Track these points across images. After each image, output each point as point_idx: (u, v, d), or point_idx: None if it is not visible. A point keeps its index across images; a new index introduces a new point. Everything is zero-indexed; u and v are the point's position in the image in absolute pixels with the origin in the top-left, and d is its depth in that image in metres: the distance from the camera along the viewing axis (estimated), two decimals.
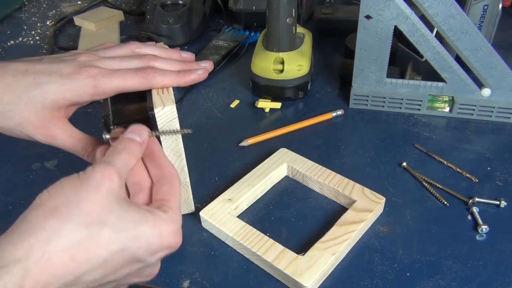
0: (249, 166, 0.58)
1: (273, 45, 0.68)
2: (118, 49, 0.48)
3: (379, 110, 0.69)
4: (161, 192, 0.39)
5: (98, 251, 0.33)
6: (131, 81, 0.44)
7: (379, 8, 0.60)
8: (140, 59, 0.47)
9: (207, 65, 0.50)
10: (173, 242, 0.37)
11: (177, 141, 0.46)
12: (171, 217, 0.37)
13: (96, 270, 0.33)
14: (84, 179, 0.34)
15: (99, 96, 0.43)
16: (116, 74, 0.44)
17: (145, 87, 0.45)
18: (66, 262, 0.31)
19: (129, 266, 0.35)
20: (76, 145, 0.44)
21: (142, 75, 0.44)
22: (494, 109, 0.65)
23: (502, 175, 0.58)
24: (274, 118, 0.70)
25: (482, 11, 0.69)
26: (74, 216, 0.32)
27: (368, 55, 0.65)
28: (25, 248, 0.30)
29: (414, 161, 0.60)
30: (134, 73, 0.44)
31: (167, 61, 0.48)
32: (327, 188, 0.55)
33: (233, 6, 0.91)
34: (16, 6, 1.06)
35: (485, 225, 0.50)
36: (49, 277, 0.31)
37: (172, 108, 0.43)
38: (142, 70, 0.45)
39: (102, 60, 0.45)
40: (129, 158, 0.37)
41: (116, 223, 0.34)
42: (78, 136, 0.45)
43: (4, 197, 0.57)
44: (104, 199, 0.33)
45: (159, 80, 0.45)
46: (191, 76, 0.47)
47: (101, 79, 0.43)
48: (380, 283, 0.46)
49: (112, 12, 0.95)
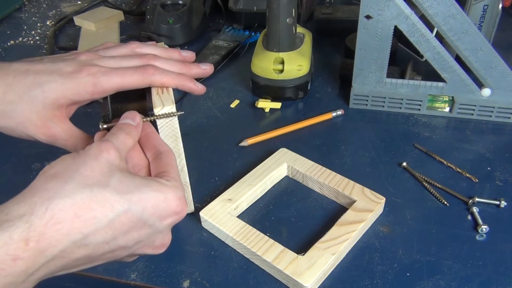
0: (249, 166, 0.58)
1: (273, 45, 0.68)
2: (119, 48, 0.49)
3: (379, 110, 0.69)
4: (159, 166, 0.40)
5: (103, 210, 0.33)
6: (130, 78, 0.44)
7: (379, 8, 0.60)
8: (140, 58, 0.47)
9: (207, 68, 0.51)
10: (180, 207, 0.37)
11: (176, 141, 0.46)
12: (174, 184, 0.38)
13: (104, 230, 0.33)
14: (82, 152, 0.36)
15: (99, 94, 0.44)
16: (116, 72, 0.44)
17: (144, 85, 0.45)
18: (71, 219, 0.32)
19: (138, 231, 0.36)
20: (77, 144, 0.45)
21: (141, 72, 0.45)
22: (494, 109, 0.65)
23: (502, 175, 0.58)
24: (274, 118, 0.70)
25: (482, 11, 0.69)
26: (74, 179, 0.33)
27: (368, 55, 0.65)
28: (28, 204, 0.32)
29: (414, 161, 0.60)
30: (134, 71, 0.45)
31: (167, 61, 0.48)
32: (327, 188, 0.55)
33: (233, 6, 0.91)
34: (16, 6, 1.06)
35: (485, 225, 0.50)
36: (55, 233, 0.31)
37: (171, 108, 0.44)
38: (142, 68, 0.45)
39: (102, 59, 0.46)
40: (126, 138, 0.39)
41: (118, 185, 0.34)
42: (79, 135, 0.45)
43: (4, 197, 0.57)
44: (103, 167, 0.35)
45: (158, 78, 0.45)
46: (190, 84, 0.48)
47: (100, 77, 0.43)
48: (380, 283, 0.46)
49: (112, 12, 0.95)
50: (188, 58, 0.51)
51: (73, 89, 0.42)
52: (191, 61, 0.52)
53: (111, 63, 0.45)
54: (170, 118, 0.44)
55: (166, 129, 0.45)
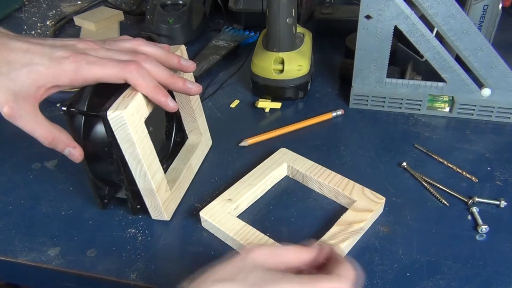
0: (249, 166, 0.58)
1: (273, 45, 0.68)
2: (123, 43, 0.50)
3: (379, 110, 0.69)
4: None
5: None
6: (109, 70, 0.45)
7: (379, 8, 0.60)
8: (132, 54, 0.48)
9: (193, 87, 0.51)
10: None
11: (132, 146, 0.46)
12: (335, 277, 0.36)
13: None
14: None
15: (79, 82, 0.46)
16: (98, 63, 0.45)
17: (119, 80, 0.46)
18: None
19: None
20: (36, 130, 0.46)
21: (121, 67, 0.45)
22: (494, 109, 0.65)
23: (502, 175, 0.58)
24: (274, 118, 0.70)
25: (482, 11, 0.69)
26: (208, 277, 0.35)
27: (368, 55, 0.65)
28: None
29: (414, 161, 0.60)
30: (115, 64, 0.45)
31: (158, 66, 0.48)
32: (327, 188, 0.55)
33: (233, 6, 0.91)
34: (16, 6, 1.06)
35: (485, 225, 0.50)
36: None
37: (120, 113, 0.44)
38: (124, 63, 0.46)
39: (97, 50, 0.47)
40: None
41: (252, 280, 0.34)
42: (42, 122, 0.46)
43: (4, 197, 0.57)
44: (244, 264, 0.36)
45: (134, 77, 0.46)
46: (162, 99, 0.47)
47: (83, 65, 0.45)
48: (380, 283, 0.46)
49: (112, 12, 0.95)
50: (186, 68, 0.52)
51: (55, 73, 0.45)
52: (188, 71, 0.53)
53: (104, 54, 0.47)
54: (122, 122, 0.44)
55: (121, 133, 0.45)
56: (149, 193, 0.50)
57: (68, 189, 0.58)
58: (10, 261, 0.50)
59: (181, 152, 0.60)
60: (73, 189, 0.58)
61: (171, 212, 0.53)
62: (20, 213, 0.55)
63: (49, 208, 0.55)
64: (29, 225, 0.53)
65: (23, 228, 0.53)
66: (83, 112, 0.47)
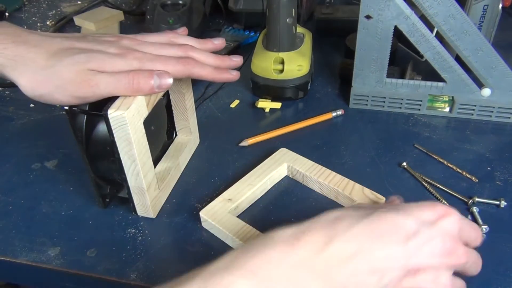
0: (249, 166, 0.58)
1: (273, 45, 0.68)
2: (156, 36, 0.51)
3: (379, 110, 0.69)
4: None
5: None
6: (172, 68, 0.46)
7: (379, 8, 0.60)
8: (179, 48, 0.49)
9: (238, 60, 0.54)
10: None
11: (129, 146, 0.46)
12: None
13: None
14: None
15: None
16: (159, 60, 0.46)
17: (183, 76, 0.48)
18: None
19: None
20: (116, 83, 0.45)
21: (183, 64, 0.47)
22: (494, 109, 0.65)
23: (502, 175, 0.58)
24: (274, 118, 0.70)
25: (482, 11, 0.69)
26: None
27: (368, 55, 0.65)
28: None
29: (414, 161, 0.60)
30: (176, 61, 0.47)
31: (203, 53, 0.50)
32: (327, 188, 0.55)
33: (233, 6, 0.91)
34: (16, 6, 1.06)
35: (485, 225, 0.50)
36: None
37: (122, 113, 0.44)
38: (184, 59, 0.47)
39: (143, 45, 0.48)
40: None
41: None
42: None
43: (4, 197, 0.57)
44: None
45: (197, 71, 0.48)
46: (226, 75, 0.51)
47: (146, 62, 0.45)
48: None
49: (112, 12, 0.95)
50: (219, 46, 0.54)
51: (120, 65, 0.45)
52: (221, 48, 0.55)
53: (151, 50, 0.48)
54: (123, 122, 0.44)
55: (119, 132, 0.45)
56: (139, 191, 0.50)
57: (68, 189, 0.58)
58: (10, 261, 0.50)
59: (170, 150, 0.60)
60: (73, 189, 0.58)
61: (157, 209, 0.54)
62: (20, 213, 0.55)
63: (49, 208, 0.55)
64: (29, 225, 0.53)
65: (23, 228, 0.53)
66: (85, 111, 0.47)
